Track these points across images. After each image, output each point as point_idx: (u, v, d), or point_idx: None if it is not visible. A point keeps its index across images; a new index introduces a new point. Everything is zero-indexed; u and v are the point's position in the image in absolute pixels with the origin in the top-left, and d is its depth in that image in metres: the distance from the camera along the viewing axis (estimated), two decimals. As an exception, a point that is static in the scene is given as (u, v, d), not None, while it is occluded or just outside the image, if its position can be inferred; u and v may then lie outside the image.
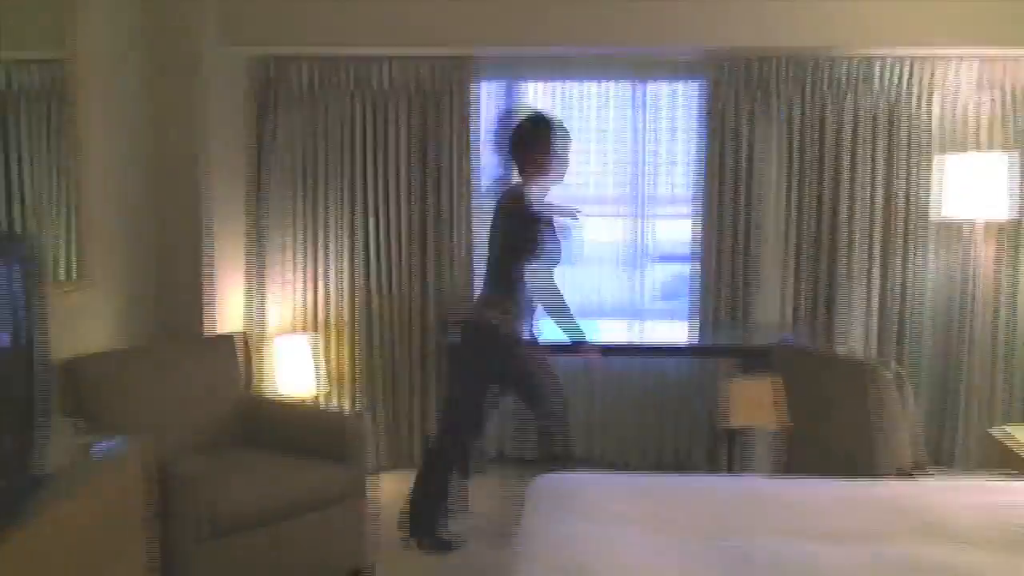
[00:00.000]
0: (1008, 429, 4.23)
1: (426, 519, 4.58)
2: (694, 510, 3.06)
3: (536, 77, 5.57)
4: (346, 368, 5.53)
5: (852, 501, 3.14)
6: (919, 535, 2.89)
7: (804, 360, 4.10)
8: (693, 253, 5.55)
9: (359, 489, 4.19)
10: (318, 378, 5.36)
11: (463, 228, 5.46)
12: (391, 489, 5.05)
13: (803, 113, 5.31)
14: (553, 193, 4.67)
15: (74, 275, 4.04)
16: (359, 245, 5.47)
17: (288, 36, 5.09)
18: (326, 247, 5.48)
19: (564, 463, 4.32)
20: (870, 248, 5.35)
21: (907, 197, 5.30)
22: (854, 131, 5.29)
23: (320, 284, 5.50)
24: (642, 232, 5.65)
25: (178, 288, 4.85)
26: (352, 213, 5.46)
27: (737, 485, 3.33)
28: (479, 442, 5.09)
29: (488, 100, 5.57)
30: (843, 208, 5.33)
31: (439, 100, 5.38)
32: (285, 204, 5.46)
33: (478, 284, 5.43)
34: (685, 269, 5.63)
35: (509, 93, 5.61)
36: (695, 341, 5.41)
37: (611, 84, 5.56)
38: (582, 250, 5.82)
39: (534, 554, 2.68)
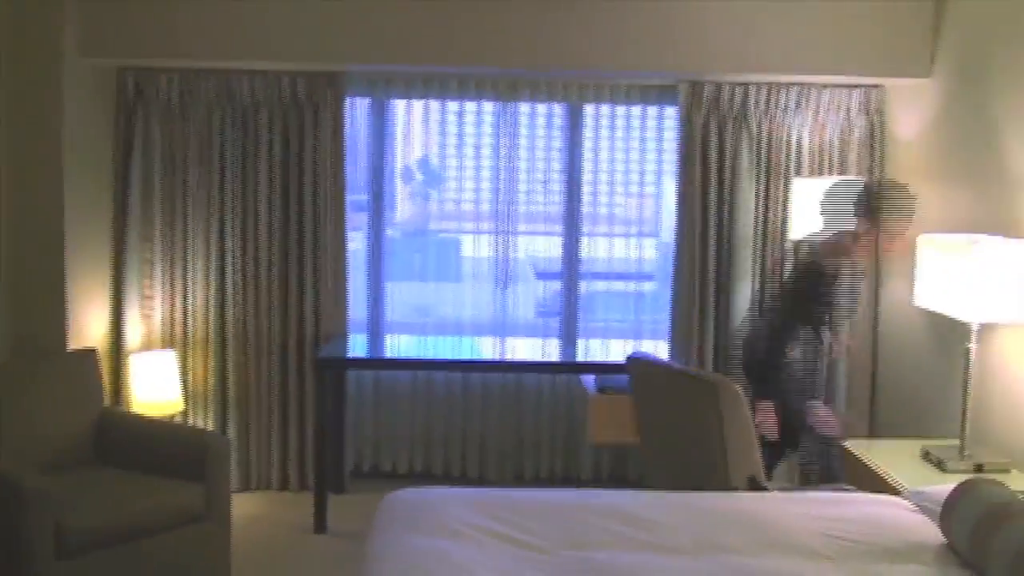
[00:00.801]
0: (851, 443, 4.41)
1: None
2: (548, 524, 3.13)
3: (406, 94, 5.61)
4: (209, 386, 5.46)
5: (700, 513, 3.25)
6: (763, 547, 3.01)
7: (653, 375, 4.21)
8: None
9: (219, 509, 4.17)
10: (180, 395, 5.29)
11: (337, 240, 5.46)
12: (247, 511, 5.06)
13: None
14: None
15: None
16: (224, 260, 5.42)
17: (151, 48, 5.01)
18: (190, 262, 5.40)
19: None
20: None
21: (768, 218, 5.46)
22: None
23: (180, 299, 5.43)
24: (511, 248, 5.73)
25: (35, 301, 4.76)
26: (217, 228, 5.40)
27: (593, 499, 3.40)
28: None
29: (357, 116, 5.61)
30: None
31: (305, 115, 5.37)
32: (149, 218, 5.38)
33: (351, 300, 5.51)
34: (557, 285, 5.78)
35: (378, 109, 5.65)
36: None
37: (484, 103, 5.64)
38: (460, 267, 5.91)
39: (380, 571, 2.72)
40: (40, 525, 3.56)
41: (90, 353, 4.65)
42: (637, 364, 4.27)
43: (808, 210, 5.05)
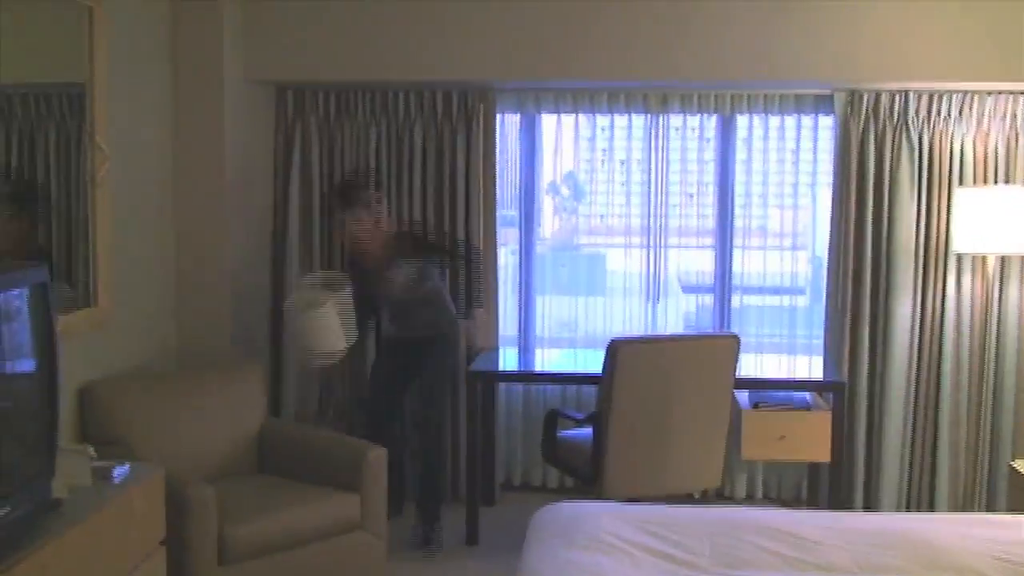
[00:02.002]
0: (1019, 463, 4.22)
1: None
2: (703, 541, 3.09)
3: (556, 109, 5.64)
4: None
5: (859, 532, 3.16)
6: (928, 568, 2.91)
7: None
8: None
9: (374, 519, 4.24)
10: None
11: (488, 254, 5.51)
12: (401, 521, 5.15)
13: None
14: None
15: (94, 300, 4.10)
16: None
17: (308, 65, 5.16)
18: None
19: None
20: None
21: (930, 230, 5.29)
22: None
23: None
24: (661, 262, 5.69)
25: (201, 313, 4.94)
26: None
27: (747, 516, 3.35)
28: None
29: (507, 131, 5.67)
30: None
31: (457, 131, 5.43)
32: (307, 231, 5.51)
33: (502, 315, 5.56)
34: (708, 299, 5.72)
35: (528, 124, 5.69)
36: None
37: (634, 116, 5.63)
38: (607, 281, 5.90)
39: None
40: (203, 532, 3.68)
41: (255, 364, 4.79)
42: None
43: (972, 221, 4.88)
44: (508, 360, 5.52)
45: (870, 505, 5.37)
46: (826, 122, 5.52)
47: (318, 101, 5.48)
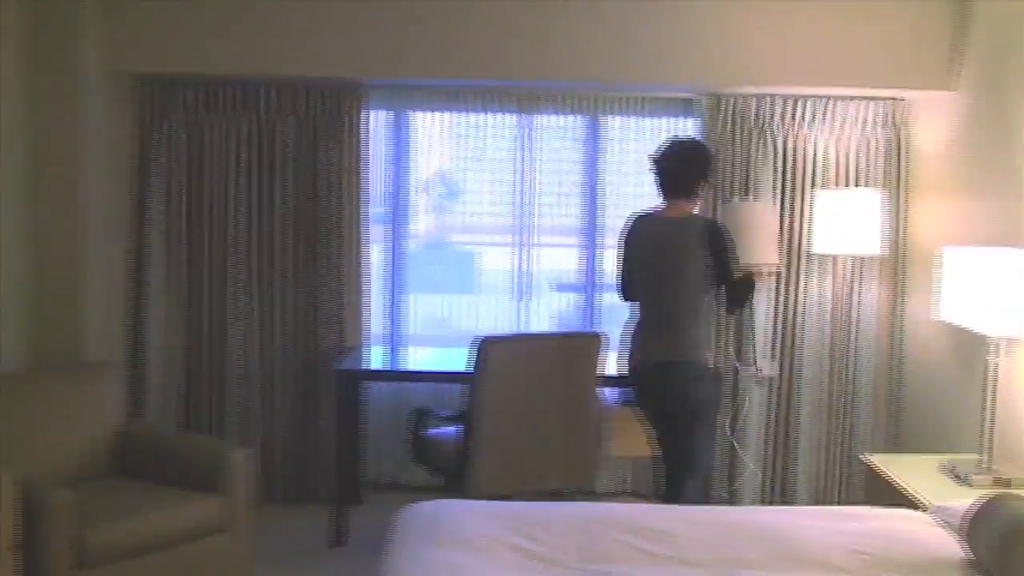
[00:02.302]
0: (873, 457, 4.37)
1: None
2: (566, 538, 3.11)
3: (427, 107, 5.62)
4: (229, 397, 5.46)
5: (719, 526, 3.23)
6: (784, 561, 2.99)
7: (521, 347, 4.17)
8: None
9: (238, 521, 4.17)
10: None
11: (356, 251, 5.47)
12: (267, 522, 5.06)
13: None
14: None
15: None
16: (245, 271, 5.44)
17: (172, 57, 5.03)
18: (210, 273, 5.42)
19: None
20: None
21: (791, 232, 5.44)
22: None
23: (199, 310, 5.45)
24: (531, 261, 5.72)
25: (55, 313, 4.77)
26: (238, 238, 5.41)
27: (610, 512, 3.38)
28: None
29: (378, 128, 5.63)
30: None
31: (326, 127, 5.38)
32: (169, 228, 5.39)
33: (366, 307, 5.53)
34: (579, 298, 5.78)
35: (398, 122, 5.66)
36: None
37: (499, 115, 5.65)
38: (478, 279, 5.91)
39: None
40: (61, 536, 3.57)
41: (110, 365, 4.66)
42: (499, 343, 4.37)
43: (828, 223, 5.04)
44: (376, 358, 5.48)
45: (731, 500, 5.50)
46: (691, 125, 5.63)
47: (183, 95, 5.35)
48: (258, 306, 5.46)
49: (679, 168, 4.46)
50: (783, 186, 5.42)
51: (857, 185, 5.40)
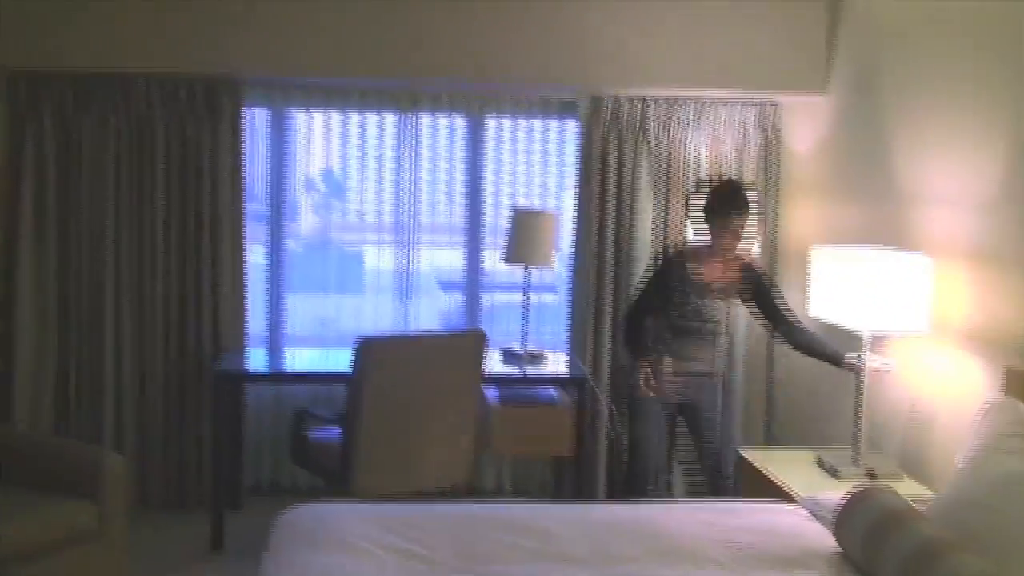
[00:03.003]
0: (748, 452, 4.48)
1: None
2: (446, 538, 3.11)
3: (306, 106, 5.57)
4: (105, 400, 5.32)
5: (595, 523, 3.26)
6: (659, 556, 3.03)
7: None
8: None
9: (113, 528, 4.06)
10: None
11: (236, 251, 5.39)
12: (143, 529, 4.98)
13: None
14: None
15: None
16: (119, 271, 5.29)
17: (43, 52, 4.89)
18: (84, 273, 5.27)
19: None
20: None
21: (668, 232, 5.54)
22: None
23: (75, 311, 5.28)
24: (415, 260, 5.71)
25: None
26: (112, 238, 5.27)
27: (491, 512, 3.39)
28: None
29: (257, 126, 5.56)
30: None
31: (203, 124, 5.27)
32: (41, 228, 5.21)
33: (251, 308, 5.45)
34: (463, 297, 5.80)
35: (278, 120, 5.59)
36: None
37: (385, 115, 5.62)
38: (362, 279, 5.87)
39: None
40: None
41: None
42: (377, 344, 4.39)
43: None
44: (257, 360, 5.41)
45: (611, 496, 5.56)
46: (571, 126, 5.68)
47: (54, 90, 5.18)
48: (134, 307, 5.32)
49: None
50: (659, 188, 5.51)
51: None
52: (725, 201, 4.48)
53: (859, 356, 4.04)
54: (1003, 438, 3.14)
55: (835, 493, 3.39)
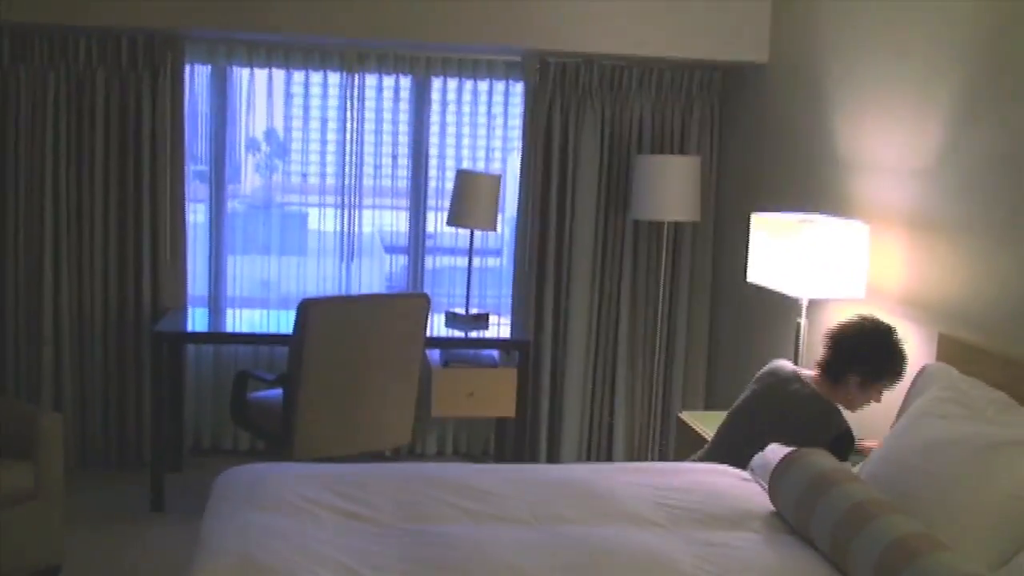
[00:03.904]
0: (686, 415, 4.53)
1: None
2: (387, 498, 3.12)
3: (248, 63, 5.50)
4: (43, 359, 5.25)
5: (535, 484, 3.29)
6: (598, 516, 3.07)
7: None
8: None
9: (50, 488, 4.02)
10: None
11: (175, 210, 5.33)
12: (82, 490, 4.94)
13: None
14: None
15: None
16: (58, 230, 5.21)
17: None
18: (20, 231, 5.18)
19: None
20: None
21: (611, 196, 5.56)
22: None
23: (12, 271, 5.19)
24: (358, 223, 5.69)
25: None
26: (52, 196, 5.18)
27: (431, 472, 3.41)
28: None
29: (197, 83, 5.49)
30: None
31: (143, 80, 5.20)
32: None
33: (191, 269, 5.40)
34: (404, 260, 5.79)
35: (220, 77, 5.52)
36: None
37: (330, 74, 5.57)
38: (306, 240, 5.84)
39: (213, 549, 2.67)
40: None
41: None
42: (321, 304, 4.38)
43: (647, 187, 5.15)
44: (197, 321, 5.36)
45: (553, 458, 5.61)
46: (517, 88, 5.67)
47: (-12, 42, 5.08)
48: (72, 265, 5.25)
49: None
50: (603, 151, 5.52)
51: (677, 152, 5.55)
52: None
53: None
54: (935, 402, 3.20)
55: (774, 449, 3.44)
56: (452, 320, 5.41)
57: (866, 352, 3.54)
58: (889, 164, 3.99)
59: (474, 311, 5.43)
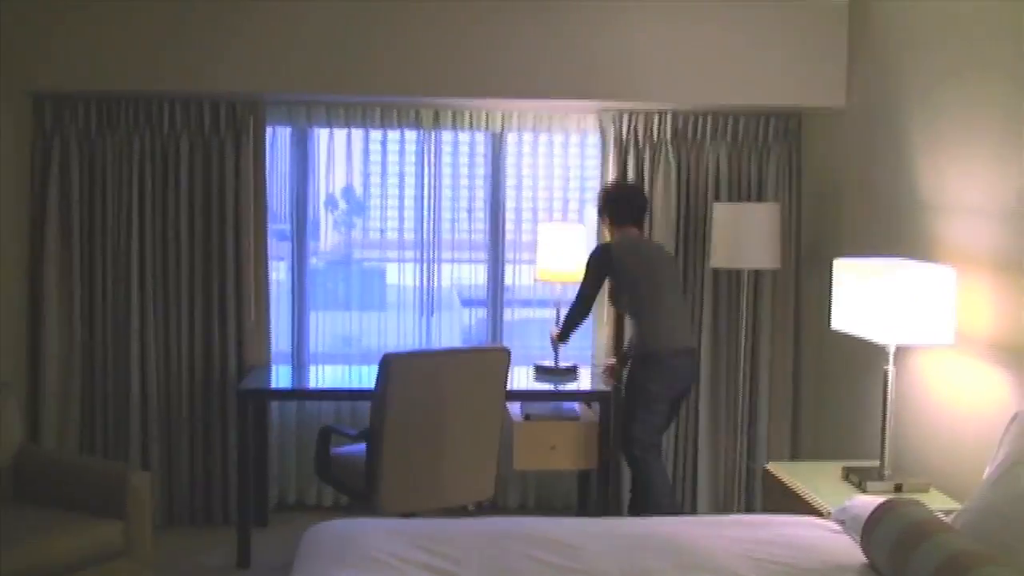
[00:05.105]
0: (773, 466, 4.46)
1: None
2: (474, 554, 3.11)
3: (328, 124, 5.60)
4: (132, 419, 5.34)
5: (624, 538, 3.26)
6: (688, 570, 3.03)
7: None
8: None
9: (140, 546, 4.08)
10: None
11: (259, 269, 5.42)
12: (170, 547, 4.99)
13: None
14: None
15: None
16: (144, 291, 5.33)
17: (67, 74, 4.93)
18: (110, 295, 5.31)
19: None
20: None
21: (688, 244, 5.54)
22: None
23: (101, 333, 5.31)
24: (436, 276, 5.73)
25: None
26: (137, 258, 5.30)
27: (518, 527, 3.40)
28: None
29: (279, 145, 5.62)
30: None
31: (226, 143, 5.32)
32: (66, 250, 5.26)
33: (275, 325, 5.49)
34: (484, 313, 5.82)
35: (300, 138, 5.63)
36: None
37: (407, 132, 5.66)
38: (384, 295, 5.89)
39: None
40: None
41: (6, 386, 4.53)
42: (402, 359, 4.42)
43: (725, 235, 5.12)
44: (281, 377, 5.43)
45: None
46: (591, 140, 5.70)
47: (78, 112, 5.23)
48: (159, 326, 5.36)
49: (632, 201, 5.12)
50: (679, 200, 5.51)
51: (754, 199, 5.51)
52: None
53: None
54: (1031, 449, 3.12)
55: (864, 498, 3.38)
56: (542, 373, 5.41)
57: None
58: (973, 206, 3.92)
59: (564, 364, 5.42)
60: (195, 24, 4.93)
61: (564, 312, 5.22)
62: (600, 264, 5.06)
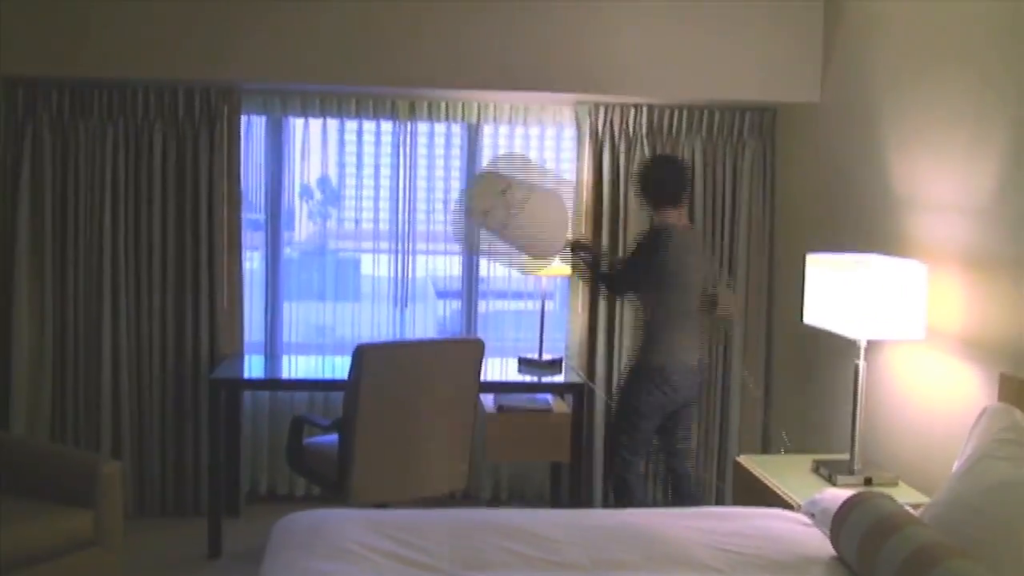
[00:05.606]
0: (744, 459, 4.48)
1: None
2: (446, 545, 3.11)
3: (303, 113, 5.58)
4: (103, 408, 5.32)
5: (594, 529, 3.27)
6: (657, 562, 3.04)
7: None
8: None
9: (110, 535, 4.06)
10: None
11: (233, 258, 5.40)
12: (140, 536, 4.97)
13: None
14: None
15: None
16: (117, 279, 5.29)
17: (39, 59, 4.88)
18: (81, 281, 5.27)
19: None
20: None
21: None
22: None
23: (72, 319, 5.27)
24: (411, 268, 5.72)
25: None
26: (110, 246, 5.27)
27: (490, 518, 3.40)
28: None
29: (253, 134, 5.59)
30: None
31: (200, 131, 5.29)
32: (38, 236, 5.22)
33: (247, 316, 5.47)
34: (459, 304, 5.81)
35: (275, 127, 5.61)
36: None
37: (382, 123, 5.64)
38: (359, 286, 5.88)
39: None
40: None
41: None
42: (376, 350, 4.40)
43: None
44: (254, 367, 5.41)
45: (608, 503, 5.57)
46: (567, 133, 5.70)
47: (51, 98, 5.19)
48: (131, 314, 5.33)
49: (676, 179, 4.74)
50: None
51: (729, 193, 5.53)
52: None
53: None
54: (998, 443, 3.15)
55: (833, 491, 3.40)
56: (526, 366, 5.41)
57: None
58: (945, 203, 3.95)
59: (547, 356, 5.42)
60: (170, 11, 4.89)
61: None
62: (651, 250, 4.67)
